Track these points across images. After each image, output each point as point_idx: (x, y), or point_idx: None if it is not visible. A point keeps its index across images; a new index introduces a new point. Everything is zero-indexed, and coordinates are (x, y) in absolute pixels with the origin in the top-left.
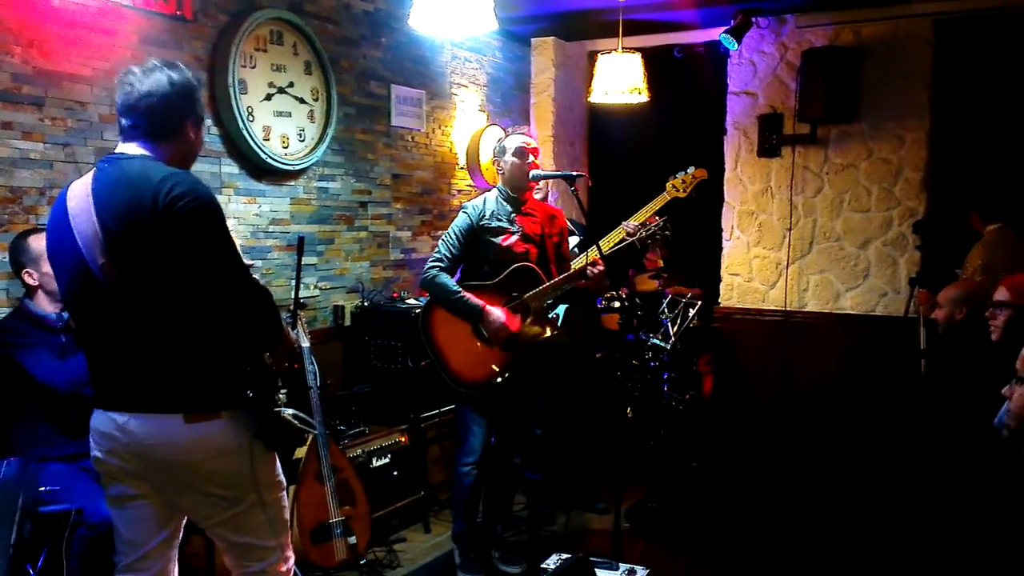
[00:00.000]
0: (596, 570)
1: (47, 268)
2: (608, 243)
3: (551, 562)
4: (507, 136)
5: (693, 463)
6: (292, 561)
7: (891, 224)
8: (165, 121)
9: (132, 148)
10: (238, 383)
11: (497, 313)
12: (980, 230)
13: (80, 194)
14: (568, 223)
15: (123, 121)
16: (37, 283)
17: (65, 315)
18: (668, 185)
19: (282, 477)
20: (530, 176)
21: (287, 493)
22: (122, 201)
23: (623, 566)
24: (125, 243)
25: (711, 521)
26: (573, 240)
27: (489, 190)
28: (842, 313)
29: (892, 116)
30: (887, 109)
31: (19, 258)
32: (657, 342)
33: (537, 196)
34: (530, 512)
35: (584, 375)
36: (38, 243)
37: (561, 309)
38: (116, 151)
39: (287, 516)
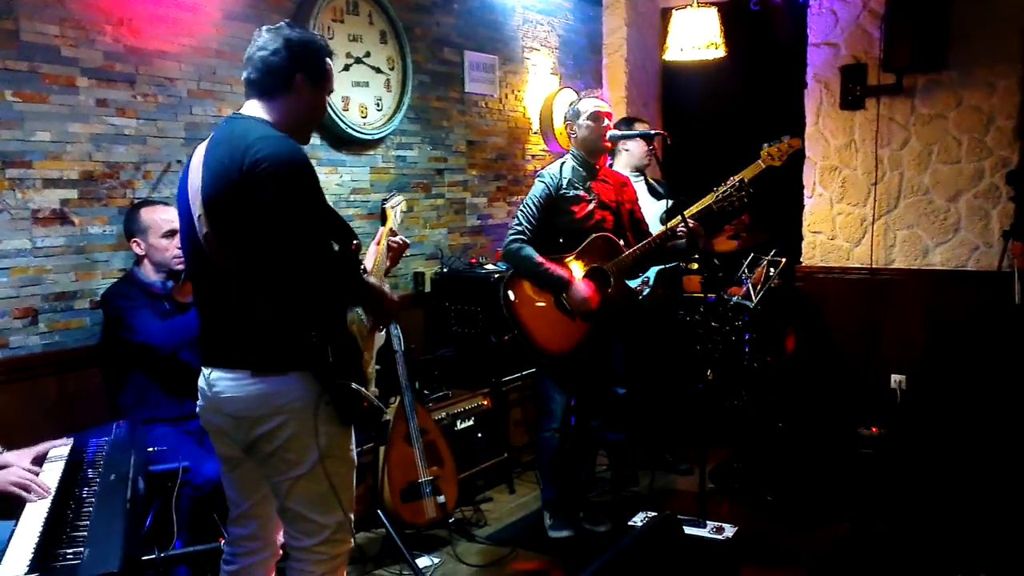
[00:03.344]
0: (684, 527)
1: (154, 239)
2: (690, 212)
3: (638, 519)
4: (580, 100)
5: (778, 424)
6: (346, 548)
7: (983, 175)
8: (276, 74)
9: (250, 106)
10: (312, 346)
11: (582, 287)
12: None
13: (199, 151)
14: (655, 184)
15: (244, 75)
16: (144, 252)
17: (169, 284)
18: (763, 153)
19: (352, 455)
20: (608, 136)
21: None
22: (218, 159)
23: (710, 523)
24: (216, 200)
25: (796, 482)
26: (660, 205)
27: (563, 155)
28: (931, 269)
29: (983, 62)
30: (977, 55)
31: (129, 227)
32: (739, 301)
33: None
34: (612, 473)
35: (667, 335)
36: (147, 215)
37: (652, 271)
38: (239, 110)
39: (350, 496)
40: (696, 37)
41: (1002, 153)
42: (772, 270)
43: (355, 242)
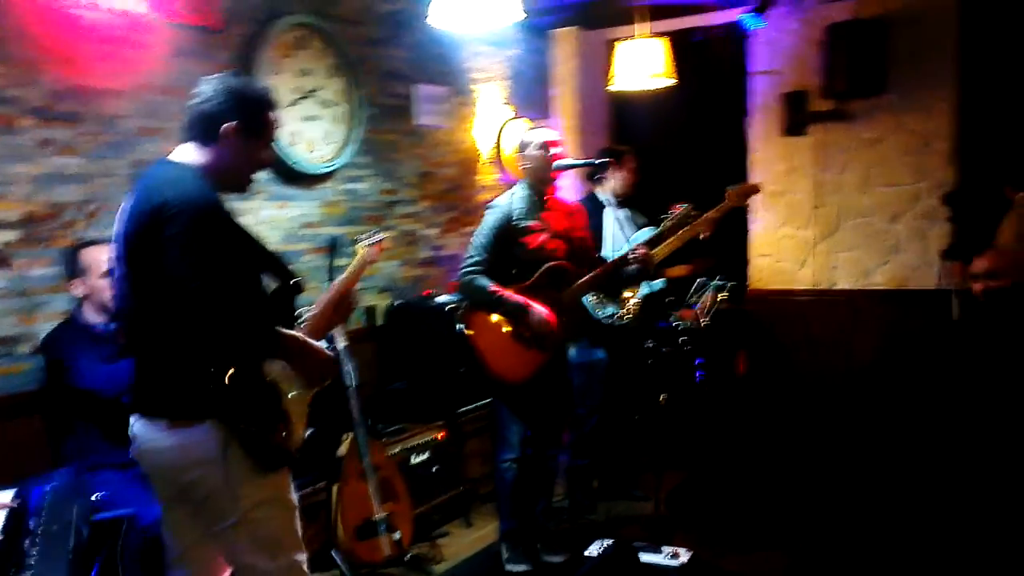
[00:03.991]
0: (639, 554)
1: (94, 280)
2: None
3: (594, 549)
4: (529, 130)
5: (730, 446)
6: None
7: (921, 197)
8: (207, 122)
9: (182, 150)
10: (216, 393)
11: (540, 310)
12: (1012, 199)
13: (131, 194)
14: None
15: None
16: (85, 294)
17: (112, 325)
18: (729, 194)
19: (287, 497)
20: (554, 165)
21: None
22: (137, 202)
23: (666, 549)
24: (129, 243)
25: (751, 503)
26: (641, 232)
27: (513, 184)
28: (874, 289)
29: (919, 87)
30: (913, 80)
31: (70, 268)
32: (685, 324)
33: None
34: (570, 502)
35: (634, 360)
36: (87, 255)
37: (642, 292)
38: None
39: (293, 538)
40: (643, 67)
41: (939, 175)
42: (720, 294)
43: (295, 281)
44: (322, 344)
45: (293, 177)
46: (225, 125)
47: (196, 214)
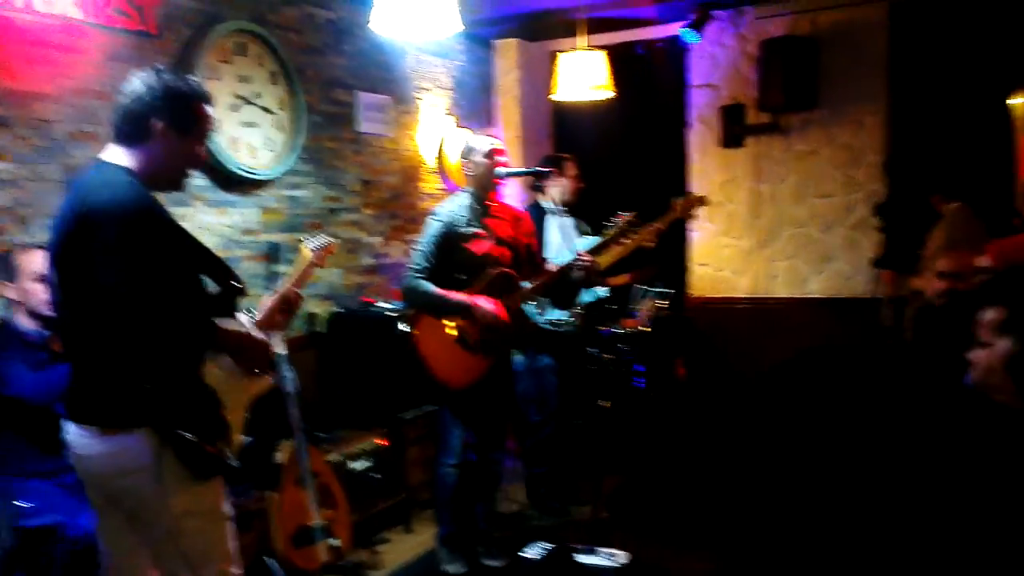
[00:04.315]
0: (576, 556)
1: (26, 284)
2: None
3: (531, 552)
4: (474, 137)
5: (669, 451)
6: None
7: (853, 208)
8: (135, 121)
9: (110, 152)
10: (149, 400)
11: (487, 303)
12: (940, 210)
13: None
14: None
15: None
16: (17, 299)
17: (46, 332)
18: (675, 204)
19: (221, 508)
20: (495, 173)
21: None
22: (67, 206)
23: (603, 551)
24: (59, 247)
25: (688, 506)
26: (586, 240)
27: (456, 192)
28: (810, 297)
29: (851, 102)
30: (846, 95)
31: (1, 274)
32: (625, 331)
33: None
34: (539, 508)
35: (578, 366)
36: (18, 259)
37: (584, 300)
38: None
39: (223, 550)
40: (584, 79)
41: (871, 187)
42: (660, 302)
43: (236, 283)
44: None
45: (233, 183)
46: (155, 122)
47: (124, 220)
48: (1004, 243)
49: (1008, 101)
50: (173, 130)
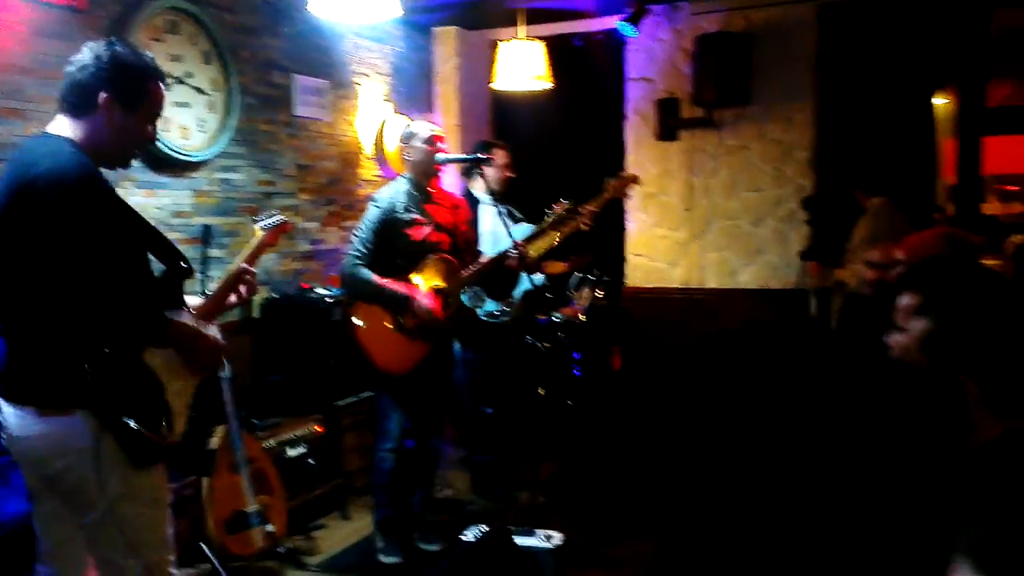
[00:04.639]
0: (513, 537)
1: None
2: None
3: (469, 534)
4: (413, 123)
5: (605, 438)
6: None
7: (782, 202)
8: (81, 92)
9: (57, 123)
10: (89, 382)
11: (424, 299)
12: (864, 204)
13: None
14: (512, 209)
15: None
16: None
17: None
18: (608, 185)
19: (159, 495)
20: (435, 159)
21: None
22: (7, 178)
23: (540, 532)
24: (1, 223)
25: (622, 491)
26: (519, 228)
27: (396, 178)
28: (740, 288)
29: (781, 98)
30: (776, 92)
31: None
32: (562, 317)
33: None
34: (481, 495)
35: (518, 355)
36: None
37: (520, 291)
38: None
39: (158, 537)
40: (523, 69)
41: (800, 181)
42: (597, 290)
43: (184, 264)
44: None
45: (164, 164)
46: (102, 96)
47: (67, 192)
48: (915, 238)
49: (931, 100)
50: (119, 104)
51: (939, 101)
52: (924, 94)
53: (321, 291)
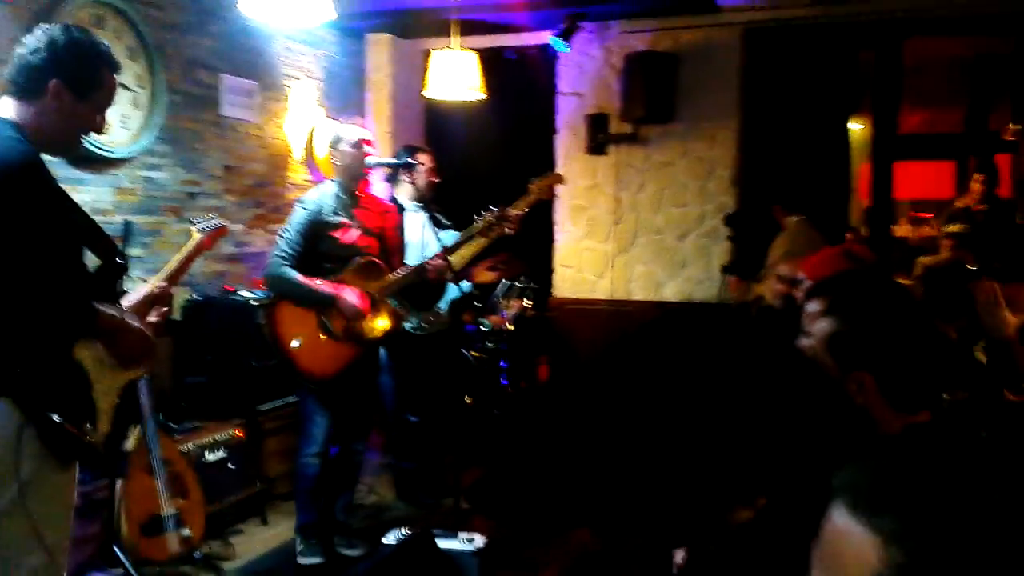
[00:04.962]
0: (436, 539)
1: None
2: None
3: (391, 537)
4: (342, 126)
5: (530, 446)
6: None
7: (706, 218)
8: (29, 76)
9: (2, 104)
10: (15, 371)
11: (351, 296)
12: (782, 221)
13: None
14: (439, 215)
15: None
16: None
17: None
18: (532, 187)
19: (68, 496)
20: (365, 162)
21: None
22: None
23: (462, 534)
24: None
25: (542, 495)
26: (445, 235)
27: (325, 181)
28: (665, 301)
29: (705, 117)
30: (701, 110)
31: None
32: (490, 325)
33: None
34: (406, 501)
35: (446, 364)
36: None
37: (445, 301)
38: None
39: (59, 538)
40: (456, 79)
41: (722, 199)
42: (527, 299)
43: (120, 261)
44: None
45: (85, 160)
46: (52, 81)
47: (6, 179)
48: (815, 258)
49: (847, 124)
50: (69, 91)
51: (856, 126)
52: (840, 118)
53: (246, 294)
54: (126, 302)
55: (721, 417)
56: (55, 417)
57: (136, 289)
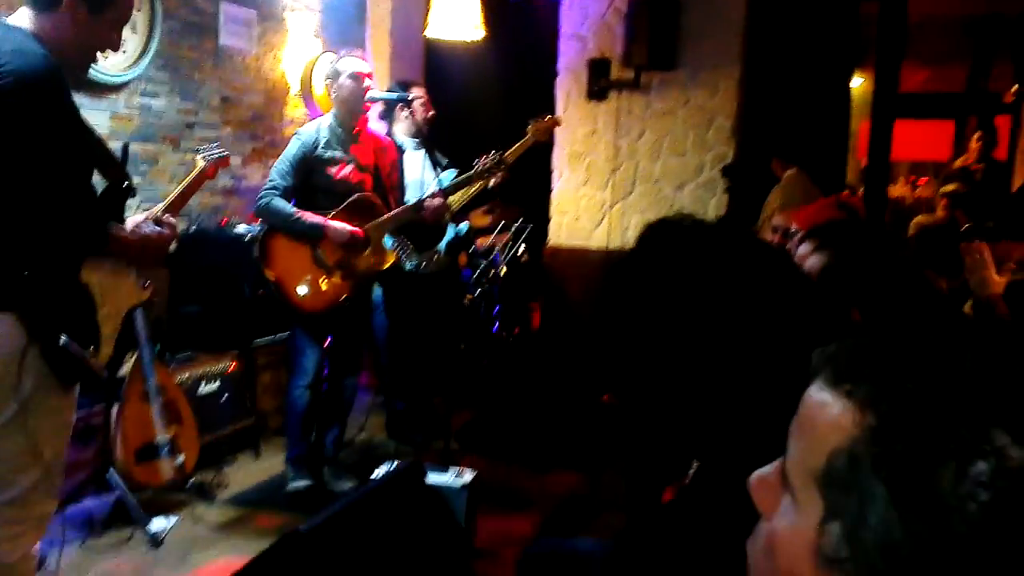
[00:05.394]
0: (427, 473)
1: None
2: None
3: (381, 470)
4: (340, 59)
5: (519, 389)
6: (44, 510)
7: (704, 168)
8: None
9: (21, 14)
10: (24, 287)
11: (342, 225)
12: (779, 174)
13: None
14: (438, 155)
15: None
16: None
17: None
18: (529, 129)
19: (67, 417)
20: (366, 97)
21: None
22: None
23: (452, 468)
24: None
25: (531, 438)
26: (445, 174)
27: (323, 115)
28: None
29: (708, 65)
30: (703, 58)
31: None
32: (486, 274)
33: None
34: (399, 439)
35: (444, 305)
36: None
37: (444, 242)
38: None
39: (55, 456)
40: (458, 17)
41: (721, 149)
42: (520, 240)
43: (126, 184)
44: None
45: (81, 85)
46: None
47: (37, 91)
48: (808, 209)
49: (849, 78)
50: (85, 5)
51: (855, 84)
52: (842, 73)
53: (241, 228)
54: (130, 225)
55: (706, 364)
56: (62, 338)
57: (134, 218)
